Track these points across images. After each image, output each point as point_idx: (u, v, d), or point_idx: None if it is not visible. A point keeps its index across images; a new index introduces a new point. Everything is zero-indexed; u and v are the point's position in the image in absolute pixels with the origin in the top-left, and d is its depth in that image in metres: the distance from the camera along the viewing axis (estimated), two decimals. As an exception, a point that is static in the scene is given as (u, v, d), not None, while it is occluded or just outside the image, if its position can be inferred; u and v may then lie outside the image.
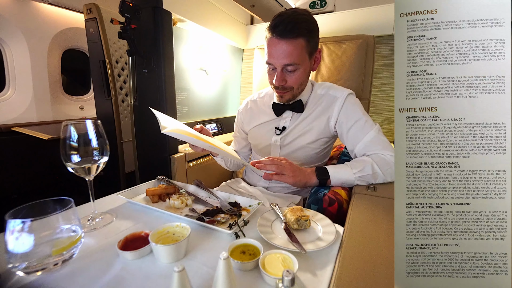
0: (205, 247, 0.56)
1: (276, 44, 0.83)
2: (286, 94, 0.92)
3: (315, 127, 0.96)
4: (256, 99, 1.12)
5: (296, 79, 0.88)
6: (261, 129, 1.06)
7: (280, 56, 0.83)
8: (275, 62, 0.85)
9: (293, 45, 0.82)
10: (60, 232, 0.49)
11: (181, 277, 0.36)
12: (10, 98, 1.98)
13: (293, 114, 0.99)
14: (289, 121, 0.99)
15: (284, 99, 0.95)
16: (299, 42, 0.82)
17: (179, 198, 0.75)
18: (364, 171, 0.80)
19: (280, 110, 0.99)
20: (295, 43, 0.82)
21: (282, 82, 0.88)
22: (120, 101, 1.81)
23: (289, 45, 0.81)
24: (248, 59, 2.02)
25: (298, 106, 0.96)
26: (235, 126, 1.21)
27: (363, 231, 0.56)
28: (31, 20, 1.96)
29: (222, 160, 1.14)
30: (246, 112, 1.13)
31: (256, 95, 1.14)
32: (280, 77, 0.87)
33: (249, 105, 1.13)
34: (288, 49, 0.82)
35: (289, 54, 0.82)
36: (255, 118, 1.08)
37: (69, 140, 0.60)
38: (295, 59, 0.83)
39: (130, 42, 1.09)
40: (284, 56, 0.83)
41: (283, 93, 0.92)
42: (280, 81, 0.87)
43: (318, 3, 1.93)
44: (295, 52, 0.82)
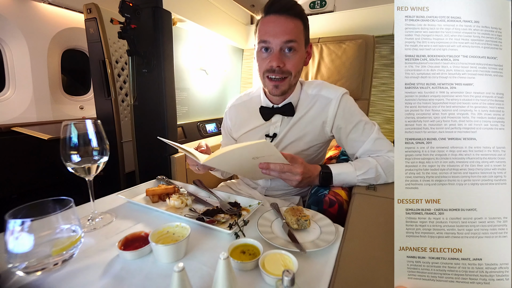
0: (205, 247, 0.56)
1: (275, 20, 0.75)
2: (282, 84, 0.82)
3: (308, 133, 0.89)
4: (245, 100, 1.03)
5: (295, 63, 0.80)
6: (251, 136, 0.98)
7: (280, 32, 0.75)
8: (272, 40, 0.76)
9: (293, 22, 0.76)
10: (60, 232, 0.49)
11: (181, 277, 0.36)
12: (10, 98, 1.98)
13: (283, 118, 0.91)
14: (280, 126, 0.92)
15: (279, 89, 0.83)
16: (299, 23, 0.77)
17: (179, 198, 0.75)
18: (367, 173, 0.77)
19: (269, 115, 0.92)
20: (295, 21, 0.76)
21: (280, 64, 0.78)
22: (120, 101, 1.81)
23: (289, 21, 0.75)
24: (248, 59, 2.02)
25: (288, 109, 0.89)
26: (223, 131, 1.13)
27: (363, 231, 0.56)
28: (31, 20, 1.96)
29: (218, 171, 1.08)
30: (236, 116, 1.04)
31: (244, 96, 1.05)
32: (279, 57, 0.77)
33: (237, 108, 1.04)
34: (288, 25, 0.75)
35: (290, 30, 0.75)
36: (243, 124, 1.01)
37: (69, 140, 0.60)
38: (295, 36, 0.76)
39: (130, 42, 1.09)
40: (284, 33, 0.75)
41: (280, 82, 0.81)
42: (279, 61, 0.77)
43: (318, 3, 1.93)
44: (295, 30, 0.76)
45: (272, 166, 0.69)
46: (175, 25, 1.38)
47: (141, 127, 1.27)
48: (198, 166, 0.84)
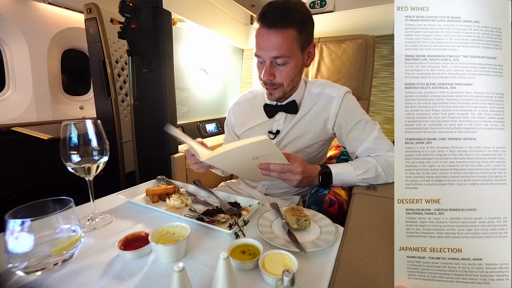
0: (205, 247, 0.56)
1: (264, 34, 0.76)
2: (276, 92, 0.85)
3: (311, 130, 0.90)
4: (249, 98, 1.05)
5: (286, 74, 0.81)
6: (253, 133, 0.98)
7: (268, 47, 0.76)
8: (263, 55, 0.79)
9: (282, 35, 0.75)
10: (60, 232, 0.49)
11: (181, 277, 0.36)
12: (10, 98, 1.98)
13: (286, 115, 0.92)
14: (283, 123, 0.93)
15: (273, 96, 0.87)
16: (289, 33, 0.75)
17: (179, 198, 0.75)
18: (367, 173, 0.77)
19: (273, 112, 0.93)
20: (285, 33, 0.75)
21: (271, 77, 0.81)
22: (120, 101, 1.81)
23: (278, 35, 0.75)
24: (248, 59, 2.02)
25: (292, 107, 0.90)
26: (226, 128, 1.14)
27: (363, 231, 0.56)
28: (31, 20, 1.96)
29: (219, 169, 1.06)
30: (239, 113, 1.05)
31: (248, 94, 1.07)
32: (269, 71, 0.80)
33: (241, 105, 1.05)
34: (276, 40, 0.75)
35: (278, 45, 0.75)
36: (246, 120, 1.01)
37: (69, 140, 0.60)
38: (284, 51, 0.76)
39: (130, 42, 1.09)
40: (272, 48, 0.76)
41: (272, 90, 0.85)
42: (268, 75, 0.80)
43: (318, 3, 1.93)
44: (284, 44, 0.76)
45: (272, 166, 0.69)
46: (175, 25, 1.38)
47: (141, 127, 1.27)
48: (198, 164, 0.83)
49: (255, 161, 0.68)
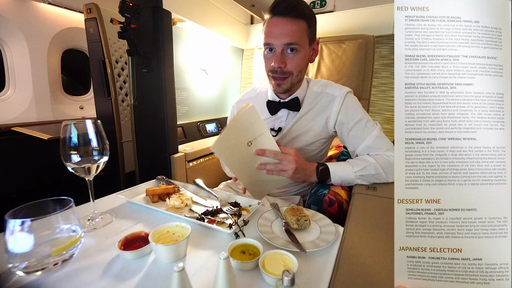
0: (205, 247, 0.56)
1: (278, 22, 0.78)
2: (285, 82, 0.85)
3: (312, 128, 0.92)
4: (252, 96, 1.06)
5: (296, 63, 0.82)
6: None
7: (281, 34, 0.78)
8: (275, 42, 0.80)
9: (295, 24, 0.78)
10: (60, 232, 0.49)
11: (181, 277, 0.36)
12: (10, 98, 1.98)
13: (289, 113, 0.94)
14: (285, 120, 0.94)
15: (281, 88, 0.87)
16: (301, 24, 0.79)
17: (179, 198, 0.75)
18: (365, 170, 0.78)
19: (275, 109, 0.94)
20: (297, 23, 0.78)
21: (282, 65, 0.81)
22: (120, 101, 1.81)
23: (291, 23, 0.77)
24: (248, 59, 2.02)
25: (294, 103, 0.91)
26: None
27: (363, 231, 0.56)
28: (31, 20, 1.96)
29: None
30: None
31: (251, 91, 1.08)
32: (280, 58, 0.81)
33: (246, 102, 1.08)
34: (290, 27, 0.77)
35: (291, 33, 0.78)
36: None
37: (69, 140, 0.60)
38: (296, 39, 0.79)
39: (130, 42, 1.08)
40: (285, 35, 0.78)
41: (282, 81, 0.85)
42: (280, 62, 0.81)
43: (318, 3, 1.93)
44: (297, 32, 0.78)
45: (268, 152, 0.73)
46: (175, 25, 1.38)
47: (141, 127, 1.27)
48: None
49: (251, 148, 0.72)
